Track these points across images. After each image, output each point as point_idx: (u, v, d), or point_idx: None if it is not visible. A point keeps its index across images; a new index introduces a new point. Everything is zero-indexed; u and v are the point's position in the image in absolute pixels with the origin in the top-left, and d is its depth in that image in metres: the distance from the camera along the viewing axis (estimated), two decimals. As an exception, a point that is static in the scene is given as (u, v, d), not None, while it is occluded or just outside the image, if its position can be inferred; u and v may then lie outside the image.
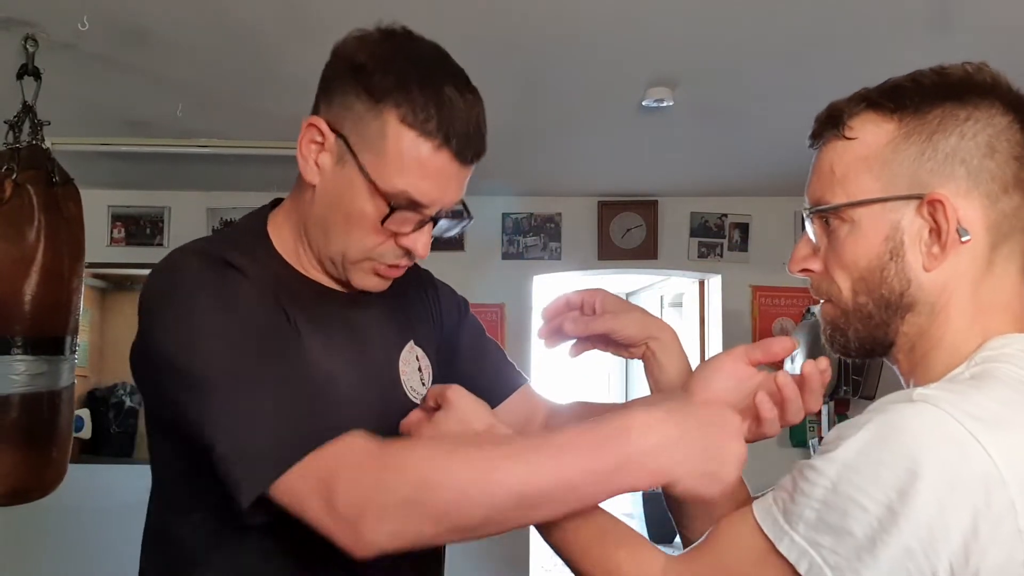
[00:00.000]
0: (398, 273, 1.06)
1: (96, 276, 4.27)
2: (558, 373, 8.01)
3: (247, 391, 0.88)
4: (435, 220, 1.02)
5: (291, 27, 2.27)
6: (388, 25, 1.10)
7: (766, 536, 0.76)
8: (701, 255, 4.45)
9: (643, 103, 2.81)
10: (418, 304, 1.22)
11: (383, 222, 0.98)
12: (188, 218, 4.33)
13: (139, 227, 4.35)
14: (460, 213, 1.07)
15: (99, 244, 4.17)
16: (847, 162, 0.86)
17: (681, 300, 5.86)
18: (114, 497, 3.84)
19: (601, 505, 0.88)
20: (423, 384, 1.15)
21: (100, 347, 4.21)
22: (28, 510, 2.13)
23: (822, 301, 0.90)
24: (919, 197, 0.81)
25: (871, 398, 3.66)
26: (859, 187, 0.84)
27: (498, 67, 2.57)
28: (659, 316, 1.24)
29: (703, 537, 0.84)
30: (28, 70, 2.18)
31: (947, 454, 0.69)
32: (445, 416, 0.93)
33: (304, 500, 0.82)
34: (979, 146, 0.81)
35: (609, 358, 8.23)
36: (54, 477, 2.02)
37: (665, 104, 2.78)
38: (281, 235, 1.07)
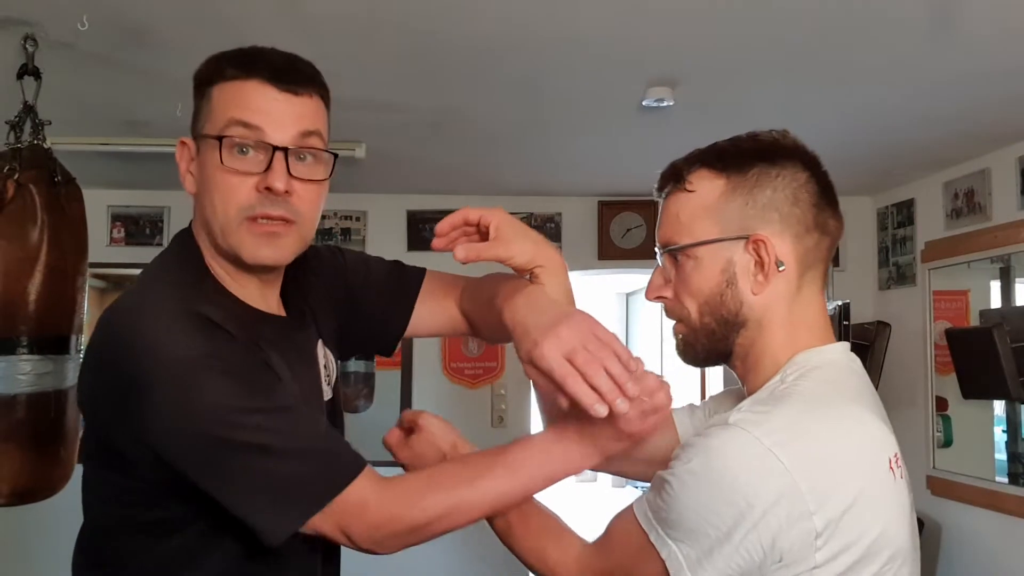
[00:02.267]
0: (282, 231, 1.08)
1: (96, 276, 4.27)
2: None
3: (263, 447, 0.98)
4: (287, 157, 1.05)
5: (291, 26, 2.27)
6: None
7: (644, 531, 0.98)
8: (701, 255, 4.45)
9: (643, 103, 2.81)
10: (319, 299, 1.27)
11: (222, 158, 1.04)
12: (187, 218, 4.28)
13: (139, 227, 4.36)
14: (321, 152, 1.10)
15: (99, 244, 4.16)
16: (690, 211, 1.07)
17: (681, 300, 5.86)
18: (114, 497, 3.83)
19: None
20: (327, 382, 1.24)
21: (100, 347, 4.21)
22: (29, 510, 2.13)
23: (675, 322, 1.12)
24: (746, 237, 1.04)
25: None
26: (701, 230, 1.06)
27: (498, 67, 2.57)
28: (659, 316, 1.30)
29: (603, 530, 1.08)
30: (28, 70, 2.18)
31: (754, 470, 0.90)
32: (418, 439, 1.20)
33: (328, 535, 1.01)
34: (787, 197, 1.04)
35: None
36: (61, 477, 2.02)
37: (665, 104, 2.78)
38: (208, 258, 1.13)
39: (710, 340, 1.07)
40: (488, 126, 3.24)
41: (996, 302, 3.68)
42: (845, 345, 1.08)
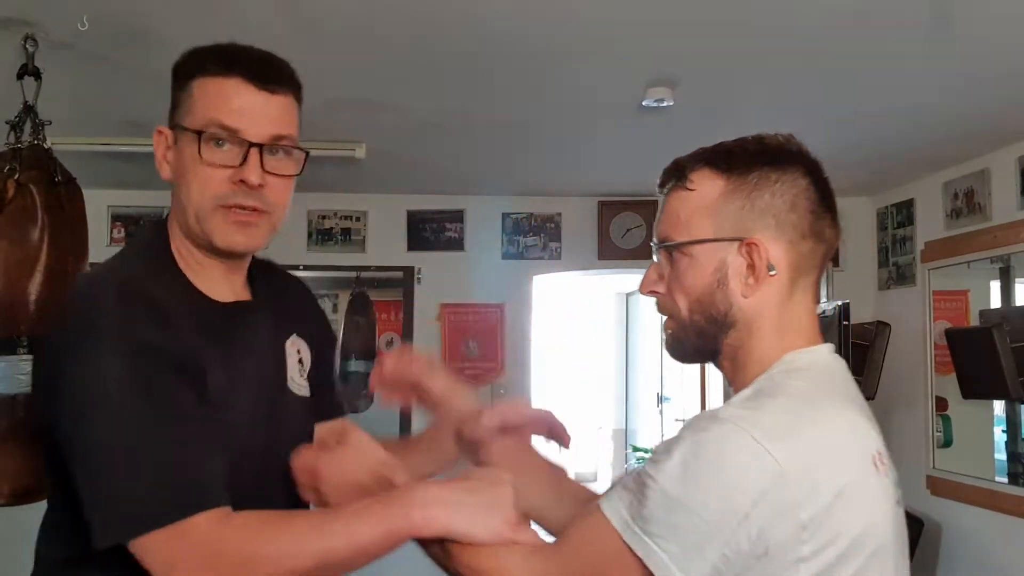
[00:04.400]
0: (254, 220, 1.14)
1: (96, 276, 4.28)
2: (557, 375, 8.01)
3: (129, 448, 0.99)
4: (262, 153, 1.11)
5: (291, 26, 2.27)
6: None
7: (617, 532, 0.94)
8: (701, 255, 4.45)
9: (643, 103, 2.81)
10: (298, 302, 1.35)
11: (201, 153, 1.10)
12: (188, 218, 4.32)
13: (139, 227, 4.36)
14: (292, 149, 1.17)
15: (99, 244, 4.14)
16: (689, 209, 1.07)
17: (681, 300, 5.85)
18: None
19: None
20: (302, 375, 1.26)
21: (100, 347, 4.22)
22: (29, 510, 2.13)
23: (666, 318, 1.12)
24: (740, 239, 1.04)
25: (871, 398, 3.66)
26: (698, 229, 1.06)
27: (498, 67, 2.57)
28: (659, 318, 1.31)
29: (561, 536, 1.04)
30: (28, 70, 2.18)
31: (744, 463, 0.91)
32: (343, 452, 1.14)
33: (150, 567, 0.97)
34: (785, 203, 1.04)
35: (611, 370, 8.19)
36: (63, 476, 2.02)
37: (665, 104, 2.78)
38: (176, 242, 1.18)
39: (699, 338, 1.08)
40: (488, 126, 3.24)
41: (996, 302, 3.69)
42: (830, 347, 1.09)
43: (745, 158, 1.07)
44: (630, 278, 7.39)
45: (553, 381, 7.75)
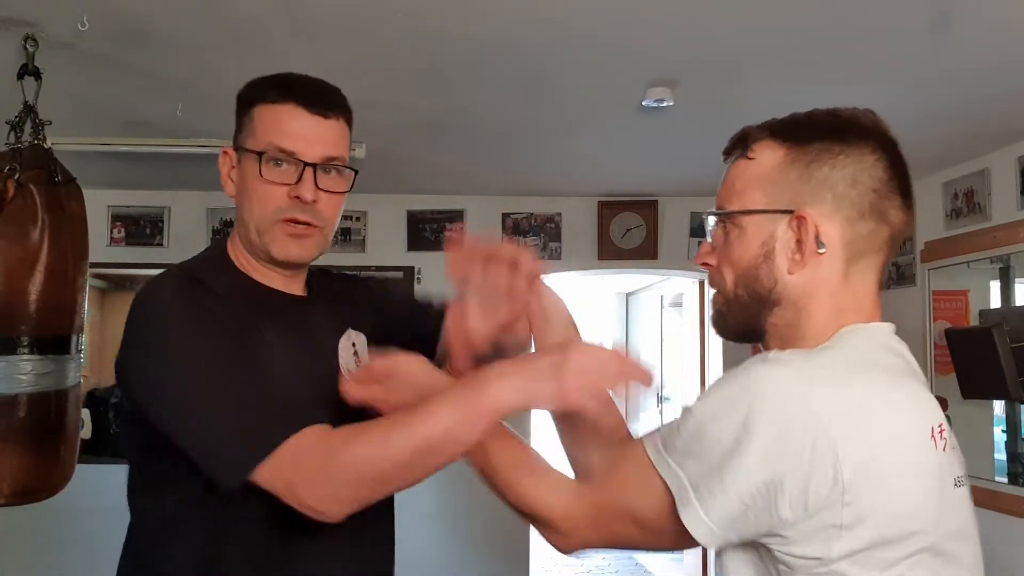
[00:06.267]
0: (308, 233, 1.25)
1: (96, 276, 4.27)
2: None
3: (221, 397, 1.10)
4: (316, 172, 1.23)
5: (291, 26, 2.27)
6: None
7: (650, 461, 0.94)
8: (701, 255, 4.45)
9: (643, 103, 2.81)
10: (358, 298, 1.43)
11: (261, 172, 1.21)
12: (188, 218, 4.33)
13: (139, 227, 4.36)
14: (343, 169, 1.28)
15: (99, 244, 4.17)
16: (745, 178, 1.03)
17: (681, 300, 5.86)
18: (114, 497, 3.81)
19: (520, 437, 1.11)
20: (356, 366, 1.34)
21: (100, 347, 4.20)
22: (29, 510, 2.13)
23: (715, 292, 1.08)
24: (790, 212, 0.99)
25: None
26: (750, 199, 1.02)
27: (498, 67, 2.57)
28: (659, 316, 1.30)
29: (601, 465, 1.05)
30: (28, 70, 2.18)
31: (787, 402, 0.87)
32: (396, 385, 1.12)
33: (278, 489, 1.06)
34: (845, 177, 0.98)
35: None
36: (62, 477, 2.02)
37: (665, 104, 2.78)
38: (235, 251, 1.30)
39: (743, 314, 1.03)
40: (488, 126, 3.24)
41: (996, 302, 3.69)
42: (891, 326, 1.03)
43: (810, 128, 1.02)
44: (630, 278, 7.40)
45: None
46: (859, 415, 0.87)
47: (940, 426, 0.93)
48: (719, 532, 0.90)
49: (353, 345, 1.34)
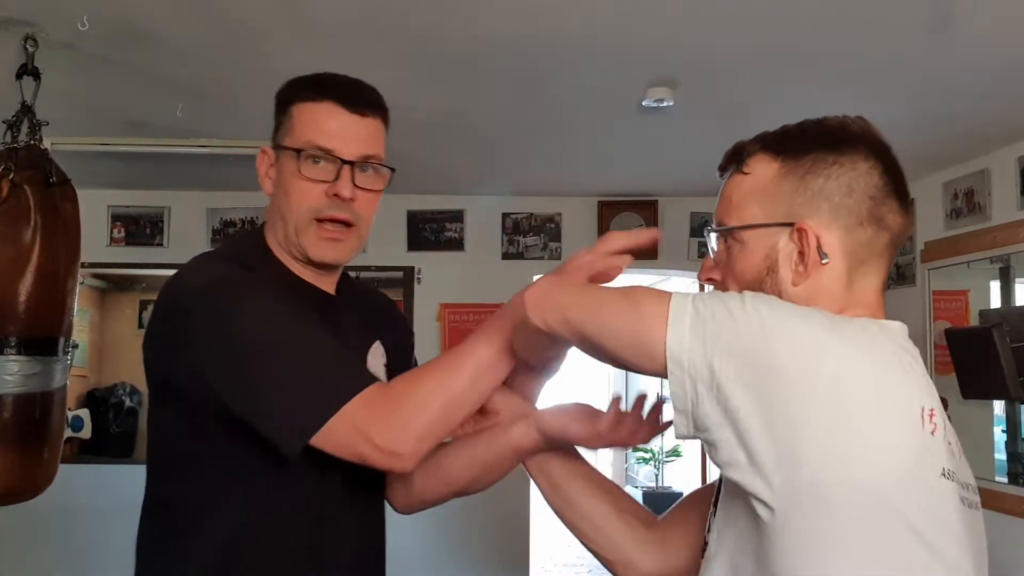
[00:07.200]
0: (343, 236, 1.27)
1: (96, 276, 4.27)
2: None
3: (289, 360, 1.12)
4: (353, 169, 1.24)
5: (291, 26, 2.27)
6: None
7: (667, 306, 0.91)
8: (701, 255, 4.45)
9: (643, 103, 2.81)
10: (384, 314, 1.49)
11: (299, 169, 1.23)
12: (188, 218, 4.32)
13: (139, 227, 4.35)
14: (380, 168, 1.30)
15: (99, 244, 4.17)
16: (742, 193, 1.04)
17: (681, 300, 5.85)
18: (114, 497, 3.82)
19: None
20: (384, 375, 1.38)
21: (100, 347, 4.19)
22: (28, 510, 2.12)
23: None
24: (790, 225, 0.99)
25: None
26: (748, 214, 1.03)
27: (498, 67, 2.57)
28: None
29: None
30: (27, 70, 2.18)
31: (793, 319, 0.89)
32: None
33: (348, 443, 1.10)
34: (840, 187, 0.99)
35: (611, 371, 8.29)
36: (45, 478, 2.01)
37: (665, 104, 2.78)
38: (273, 243, 1.31)
39: None
40: (489, 126, 3.24)
41: (996, 302, 3.68)
42: (904, 326, 1.01)
43: (802, 140, 1.03)
44: (630, 278, 7.36)
45: (553, 381, 7.73)
46: (851, 358, 0.88)
47: (931, 409, 0.91)
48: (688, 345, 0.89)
49: (383, 356, 1.38)
